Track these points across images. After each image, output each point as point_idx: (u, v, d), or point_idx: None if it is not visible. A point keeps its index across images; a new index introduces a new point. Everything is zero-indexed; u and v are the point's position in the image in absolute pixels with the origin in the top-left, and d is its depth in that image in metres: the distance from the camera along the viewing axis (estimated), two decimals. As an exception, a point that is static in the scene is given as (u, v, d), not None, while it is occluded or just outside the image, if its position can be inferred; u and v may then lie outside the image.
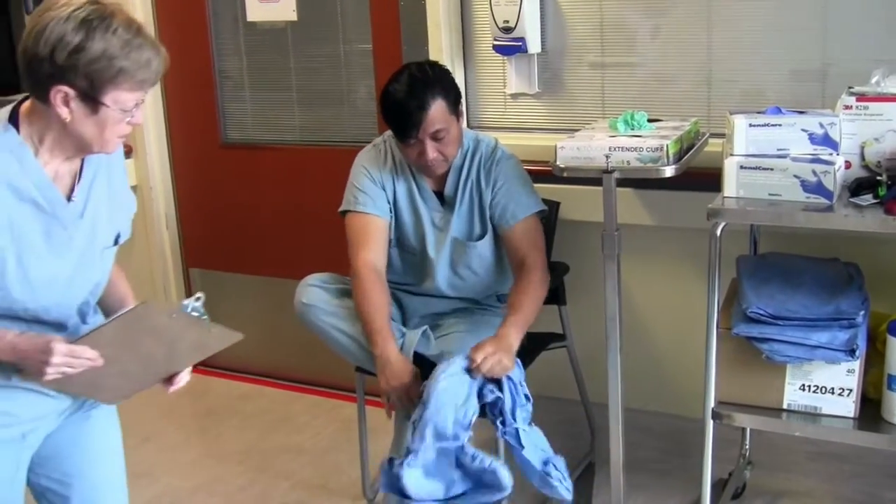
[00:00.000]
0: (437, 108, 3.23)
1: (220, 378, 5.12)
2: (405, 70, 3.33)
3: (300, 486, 3.99)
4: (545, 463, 3.09)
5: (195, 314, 2.36)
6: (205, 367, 5.18)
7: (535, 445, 3.11)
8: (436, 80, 3.29)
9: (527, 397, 3.14)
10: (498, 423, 3.08)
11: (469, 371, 3.05)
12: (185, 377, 2.56)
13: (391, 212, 3.47)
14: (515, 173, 3.45)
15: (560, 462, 3.13)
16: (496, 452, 3.27)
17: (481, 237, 3.45)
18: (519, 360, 3.18)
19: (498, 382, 3.08)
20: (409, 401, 3.14)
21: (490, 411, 3.10)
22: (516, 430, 3.07)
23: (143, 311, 2.28)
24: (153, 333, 2.36)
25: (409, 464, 2.97)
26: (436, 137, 3.26)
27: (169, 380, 2.55)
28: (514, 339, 3.18)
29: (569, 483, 3.11)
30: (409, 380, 3.15)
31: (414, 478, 2.98)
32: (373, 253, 3.40)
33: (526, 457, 3.07)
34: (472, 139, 3.48)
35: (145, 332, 2.33)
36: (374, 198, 3.44)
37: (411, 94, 3.23)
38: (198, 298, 2.39)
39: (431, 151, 3.27)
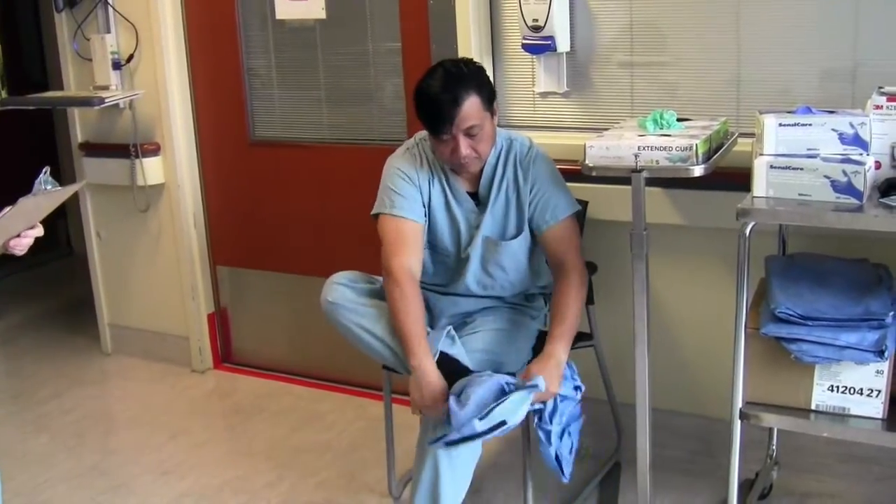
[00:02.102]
0: (471, 104, 3.23)
1: (248, 376, 5.14)
2: (439, 66, 3.32)
3: (327, 483, 4.00)
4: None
5: (50, 186, 2.65)
6: (231, 364, 5.21)
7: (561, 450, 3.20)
8: (470, 76, 3.28)
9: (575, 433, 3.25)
10: (535, 417, 3.15)
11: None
12: (32, 235, 2.71)
13: (426, 214, 3.47)
14: (552, 174, 3.45)
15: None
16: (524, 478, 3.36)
17: (515, 236, 3.44)
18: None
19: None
20: (438, 413, 3.14)
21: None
22: (549, 432, 3.11)
23: (19, 208, 2.54)
24: (23, 217, 2.62)
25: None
26: (469, 133, 3.25)
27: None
28: (563, 353, 3.25)
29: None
30: (441, 395, 3.14)
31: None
32: (409, 258, 3.38)
33: (549, 452, 3.15)
34: (506, 138, 3.47)
35: (17, 219, 2.60)
36: (410, 201, 3.42)
37: (445, 89, 3.22)
38: (45, 172, 2.66)
39: (465, 148, 3.26)
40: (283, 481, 4.03)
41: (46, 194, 2.64)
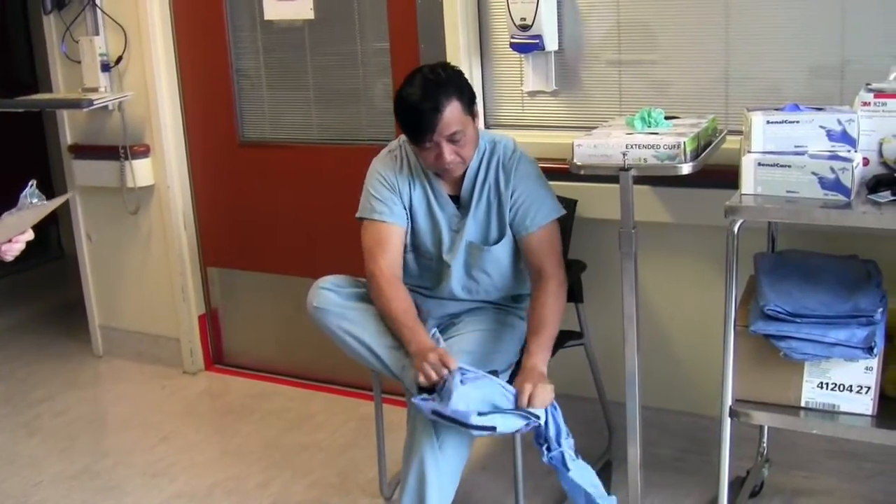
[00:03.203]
0: (452, 110, 3.22)
1: (238, 377, 5.14)
2: (417, 73, 3.31)
3: (318, 484, 4.00)
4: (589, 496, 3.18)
5: (36, 200, 2.67)
6: (222, 366, 5.21)
7: (583, 476, 3.18)
8: (449, 82, 3.27)
9: (567, 433, 3.18)
10: (543, 449, 3.12)
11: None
12: (23, 240, 2.77)
13: (408, 217, 3.46)
14: (535, 177, 3.44)
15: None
16: (515, 481, 3.34)
17: (498, 241, 3.44)
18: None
19: None
20: (441, 368, 3.09)
21: (535, 440, 3.14)
22: (562, 454, 3.10)
23: (3, 223, 2.63)
24: (6, 230, 2.68)
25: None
26: (452, 139, 3.25)
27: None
28: (543, 364, 3.22)
29: None
30: (445, 355, 3.10)
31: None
32: (389, 261, 3.41)
33: (573, 479, 3.13)
34: (489, 141, 3.47)
35: (1, 232, 2.68)
36: (390, 205, 3.43)
37: (425, 96, 3.21)
38: (31, 185, 2.68)
39: (448, 154, 3.26)
40: (275, 482, 4.03)
41: (31, 209, 2.66)
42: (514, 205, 3.40)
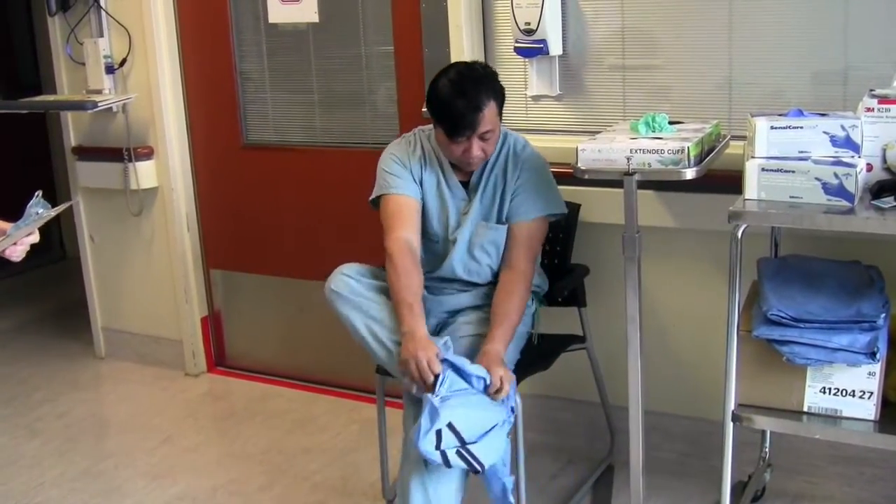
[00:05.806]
0: (490, 110, 3.28)
1: (241, 379, 5.14)
2: (453, 68, 3.38)
3: (320, 486, 4.00)
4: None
5: (41, 210, 2.71)
6: (225, 368, 5.21)
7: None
8: (489, 83, 3.34)
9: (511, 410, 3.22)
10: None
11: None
12: (29, 241, 2.81)
13: (420, 195, 3.48)
14: (539, 173, 3.47)
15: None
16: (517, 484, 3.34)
17: (504, 222, 3.47)
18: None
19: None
20: (427, 374, 3.11)
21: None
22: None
23: (10, 237, 2.71)
24: (10, 240, 2.73)
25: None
26: (483, 137, 3.30)
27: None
28: (503, 349, 3.26)
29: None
30: (432, 354, 3.11)
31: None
32: (408, 232, 3.41)
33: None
34: (501, 133, 3.49)
35: (6, 242, 2.72)
36: (404, 180, 3.46)
37: (465, 94, 3.26)
38: (37, 195, 2.71)
39: (476, 150, 3.31)
40: (277, 484, 4.03)
41: (37, 219, 2.71)
42: (514, 193, 3.44)
